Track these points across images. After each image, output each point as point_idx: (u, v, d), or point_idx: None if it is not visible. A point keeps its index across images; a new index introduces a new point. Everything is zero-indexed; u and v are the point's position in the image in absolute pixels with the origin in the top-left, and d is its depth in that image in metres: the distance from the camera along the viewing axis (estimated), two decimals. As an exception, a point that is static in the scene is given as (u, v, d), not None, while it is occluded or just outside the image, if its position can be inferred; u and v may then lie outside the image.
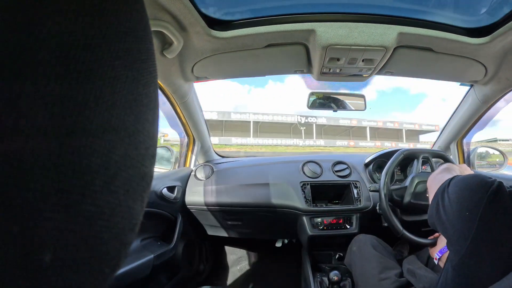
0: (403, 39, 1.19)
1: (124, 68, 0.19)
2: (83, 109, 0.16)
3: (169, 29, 1.04)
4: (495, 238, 0.60)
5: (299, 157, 2.15)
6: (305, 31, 1.16)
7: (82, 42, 0.16)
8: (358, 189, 1.81)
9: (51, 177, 0.15)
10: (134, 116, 0.20)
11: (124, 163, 0.20)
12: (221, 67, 1.45)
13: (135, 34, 0.20)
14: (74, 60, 0.16)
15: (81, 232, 0.17)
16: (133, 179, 0.21)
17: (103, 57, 0.17)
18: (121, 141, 0.19)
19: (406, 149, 1.55)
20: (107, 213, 0.18)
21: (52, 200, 0.15)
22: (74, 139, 0.16)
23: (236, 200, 1.80)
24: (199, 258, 2.25)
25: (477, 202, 0.64)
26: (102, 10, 0.17)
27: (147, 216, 1.45)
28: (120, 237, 0.20)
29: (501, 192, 0.64)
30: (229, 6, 1.18)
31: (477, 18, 1.21)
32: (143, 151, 0.22)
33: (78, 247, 0.17)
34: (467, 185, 0.70)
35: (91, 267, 0.18)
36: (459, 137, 1.98)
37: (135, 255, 1.29)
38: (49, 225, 0.15)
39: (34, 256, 0.14)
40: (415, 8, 1.22)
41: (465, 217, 0.65)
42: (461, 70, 1.44)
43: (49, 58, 0.14)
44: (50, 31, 0.15)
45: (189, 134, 1.99)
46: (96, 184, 0.17)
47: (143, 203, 0.23)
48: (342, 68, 1.35)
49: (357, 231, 1.72)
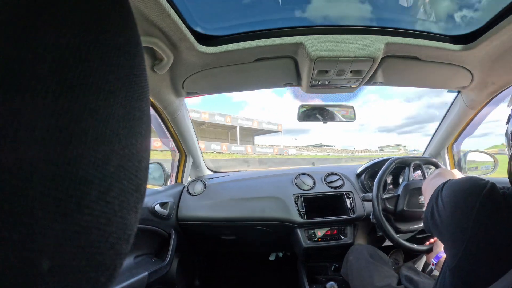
0: (389, 49, 1.22)
1: (118, 83, 0.20)
2: (78, 121, 0.17)
3: (158, 45, 1.05)
4: (490, 239, 0.61)
5: (291, 169, 2.16)
6: (293, 44, 1.18)
7: (78, 57, 0.17)
8: (351, 200, 1.82)
9: (49, 186, 0.15)
10: (127, 129, 0.21)
11: (119, 174, 0.20)
12: (211, 82, 1.46)
13: (128, 50, 0.21)
14: (70, 74, 0.16)
15: (77, 240, 0.17)
16: (127, 190, 0.21)
17: (97, 71, 0.18)
18: (115, 153, 0.20)
19: (397, 158, 1.57)
20: (103, 223, 0.19)
21: (50, 209, 0.15)
22: (70, 150, 0.16)
23: (230, 214, 1.79)
24: (193, 274, 2.22)
25: (471, 204, 0.65)
26: (96, 26, 0.18)
27: (140, 233, 1.43)
28: (116, 247, 0.21)
29: (494, 193, 0.64)
30: (217, 22, 1.21)
31: (461, 26, 1.25)
32: (137, 163, 0.22)
33: (75, 255, 0.17)
34: (460, 187, 0.71)
35: (88, 275, 0.18)
36: (449, 143, 2.01)
37: (128, 273, 1.27)
38: (47, 233, 0.15)
39: (33, 262, 0.15)
40: (400, 18, 1.26)
41: (460, 219, 0.66)
42: (448, 77, 1.47)
43: (47, 72, 0.15)
44: (48, 46, 0.15)
45: (180, 150, 1.99)
46: (92, 194, 0.18)
47: (137, 214, 0.23)
48: (331, 80, 1.37)
49: (351, 242, 1.72)
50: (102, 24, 0.19)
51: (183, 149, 1.98)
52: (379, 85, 1.54)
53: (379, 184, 1.49)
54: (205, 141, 29.26)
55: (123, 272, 1.24)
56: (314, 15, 1.25)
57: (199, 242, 2.07)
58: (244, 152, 33.09)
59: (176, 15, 0.96)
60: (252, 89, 1.61)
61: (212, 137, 32.35)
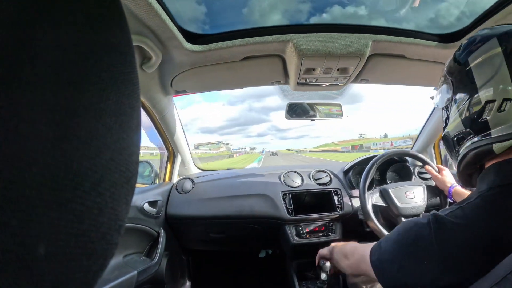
0: (376, 47, 1.24)
1: (110, 80, 0.21)
2: (73, 116, 0.18)
3: (147, 43, 1.06)
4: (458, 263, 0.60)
5: (279, 167, 2.17)
6: (281, 42, 1.19)
7: (73, 56, 0.18)
8: (338, 196, 1.84)
9: (46, 176, 0.16)
10: (118, 124, 0.22)
11: (110, 167, 0.21)
12: (200, 81, 1.47)
13: (119, 48, 0.22)
14: (66, 72, 0.17)
15: (71, 229, 0.18)
16: (118, 182, 0.22)
17: (91, 69, 0.19)
18: (107, 147, 0.21)
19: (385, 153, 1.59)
20: (95, 213, 0.20)
21: (47, 197, 0.16)
22: (65, 143, 0.17)
23: (218, 212, 1.79)
24: (183, 273, 2.22)
25: (427, 241, 0.63)
26: (91, 27, 0.19)
27: (129, 232, 1.43)
28: (107, 237, 0.21)
29: (439, 219, 0.64)
30: (206, 20, 1.21)
31: (447, 24, 1.27)
32: (127, 157, 0.23)
33: (69, 243, 0.18)
34: (405, 241, 0.69)
35: (80, 263, 0.19)
36: (435, 140, 2.05)
37: (117, 272, 1.26)
38: (43, 220, 0.16)
39: (30, 248, 0.16)
40: (387, 17, 1.27)
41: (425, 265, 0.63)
42: (434, 75, 1.49)
43: (45, 70, 0.16)
44: (45, 45, 0.16)
45: (169, 148, 1.99)
46: (85, 185, 0.19)
47: (128, 206, 0.24)
48: (318, 78, 1.39)
49: (339, 238, 1.74)
50: (96, 24, 0.20)
51: (172, 147, 1.97)
52: (366, 83, 1.56)
53: (366, 180, 1.52)
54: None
55: (112, 271, 1.24)
56: (302, 14, 1.26)
57: (188, 241, 2.06)
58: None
59: (165, 13, 0.97)
60: (240, 87, 1.62)
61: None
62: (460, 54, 0.72)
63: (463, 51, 0.71)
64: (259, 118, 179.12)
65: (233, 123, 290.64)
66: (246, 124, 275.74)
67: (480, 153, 0.67)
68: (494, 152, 0.64)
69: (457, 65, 0.72)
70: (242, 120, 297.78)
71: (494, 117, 0.63)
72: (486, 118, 0.64)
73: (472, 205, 0.63)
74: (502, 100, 0.61)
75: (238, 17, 1.25)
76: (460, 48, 0.73)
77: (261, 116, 58.65)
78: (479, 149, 0.67)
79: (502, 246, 0.56)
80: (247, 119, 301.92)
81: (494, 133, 0.64)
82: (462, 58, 0.70)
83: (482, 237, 0.58)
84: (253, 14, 1.25)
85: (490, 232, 0.58)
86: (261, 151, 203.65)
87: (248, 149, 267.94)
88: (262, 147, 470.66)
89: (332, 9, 1.28)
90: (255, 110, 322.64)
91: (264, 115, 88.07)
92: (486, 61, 0.64)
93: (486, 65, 0.64)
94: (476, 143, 0.68)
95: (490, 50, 0.64)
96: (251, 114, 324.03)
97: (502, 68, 0.61)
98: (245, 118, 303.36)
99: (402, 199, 1.46)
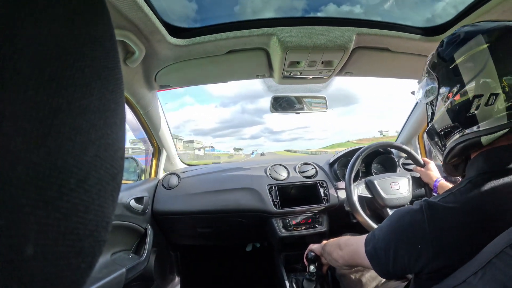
0: (360, 40, 1.25)
1: (93, 76, 0.20)
2: (57, 113, 0.17)
3: (130, 38, 1.04)
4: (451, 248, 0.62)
5: (265, 161, 2.18)
6: (265, 36, 1.19)
7: (55, 51, 0.18)
8: (324, 188, 1.85)
9: (31, 175, 0.16)
10: (103, 120, 0.21)
11: (95, 164, 0.21)
12: (184, 75, 1.45)
13: (102, 43, 0.22)
14: (48, 69, 0.17)
15: (58, 227, 0.18)
16: (104, 179, 0.22)
17: (74, 65, 0.19)
18: (91, 143, 0.20)
19: (370, 145, 1.61)
20: (82, 210, 0.20)
21: (32, 196, 0.16)
22: (50, 140, 0.17)
23: (205, 207, 1.79)
24: (171, 269, 2.22)
25: (421, 230, 0.66)
26: (72, 21, 0.19)
27: (116, 229, 1.42)
28: (94, 234, 0.21)
29: (432, 205, 0.67)
30: (189, 14, 1.20)
31: (431, 18, 1.29)
32: (112, 153, 0.23)
33: (57, 241, 0.18)
34: (401, 232, 0.71)
35: (69, 261, 0.19)
36: (420, 132, 2.08)
37: (106, 270, 1.25)
38: (30, 219, 0.16)
39: (18, 248, 0.15)
40: (372, 10, 1.28)
41: (418, 249, 0.66)
42: (418, 68, 1.50)
43: (26, 67, 0.16)
44: (27, 41, 0.16)
45: (154, 144, 1.97)
46: (71, 182, 0.19)
47: (114, 203, 0.24)
48: (303, 71, 1.39)
49: (326, 229, 1.76)
50: (78, 18, 0.19)
51: (157, 143, 1.96)
52: (350, 76, 1.57)
53: (352, 172, 1.54)
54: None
55: (101, 269, 1.23)
56: (286, 7, 1.26)
57: (175, 236, 2.06)
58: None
59: (148, 7, 0.95)
60: (224, 81, 1.61)
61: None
62: (445, 51, 0.73)
63: (447, 48, 0.72)
64: (252, 120, 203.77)
65: (226, 125, 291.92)
66: (239, 126, 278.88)
67: (468, 145, 0.70)
68: (482, 144, 0.67)
69: (442, 61, 0.74)
70: (236, 122, 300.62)
71: (482, 111, 0.65)
72: (474, 112, 0.67)
73: (462, 190, 0.66)
74: (489, 95, 0.63)
75: (222, 10, 1.24)
76: (443, 45, 0.75)
77: (254, 118, 58.12)
78: (467, 142, 0.70)
79: (491, 226, 0.59)
80: (241, 121, 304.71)
81: (483, 126, 0.66)
82: (447, 55, 0.72)
83: (472, 218, 0.62)
84: (237, 7, 1.24)
85: (480, 212, 0.62)
86: (250, 153, 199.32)
87: (232, 150, 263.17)
88: (251, 149, 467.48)
89: (317, 2, 1.28)
90: (248, 112, 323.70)
91: (258, 117, 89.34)
92: (472, 57, 0.66)
93: (473, 61, 0.66)
94: (464, 136, 0.70)
95: (476, 46, 0.66)
96: (244, 116, 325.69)
97: (489, 64, 0.63)
98: (238, 120, 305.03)
99: (387, 191, 1.49)
